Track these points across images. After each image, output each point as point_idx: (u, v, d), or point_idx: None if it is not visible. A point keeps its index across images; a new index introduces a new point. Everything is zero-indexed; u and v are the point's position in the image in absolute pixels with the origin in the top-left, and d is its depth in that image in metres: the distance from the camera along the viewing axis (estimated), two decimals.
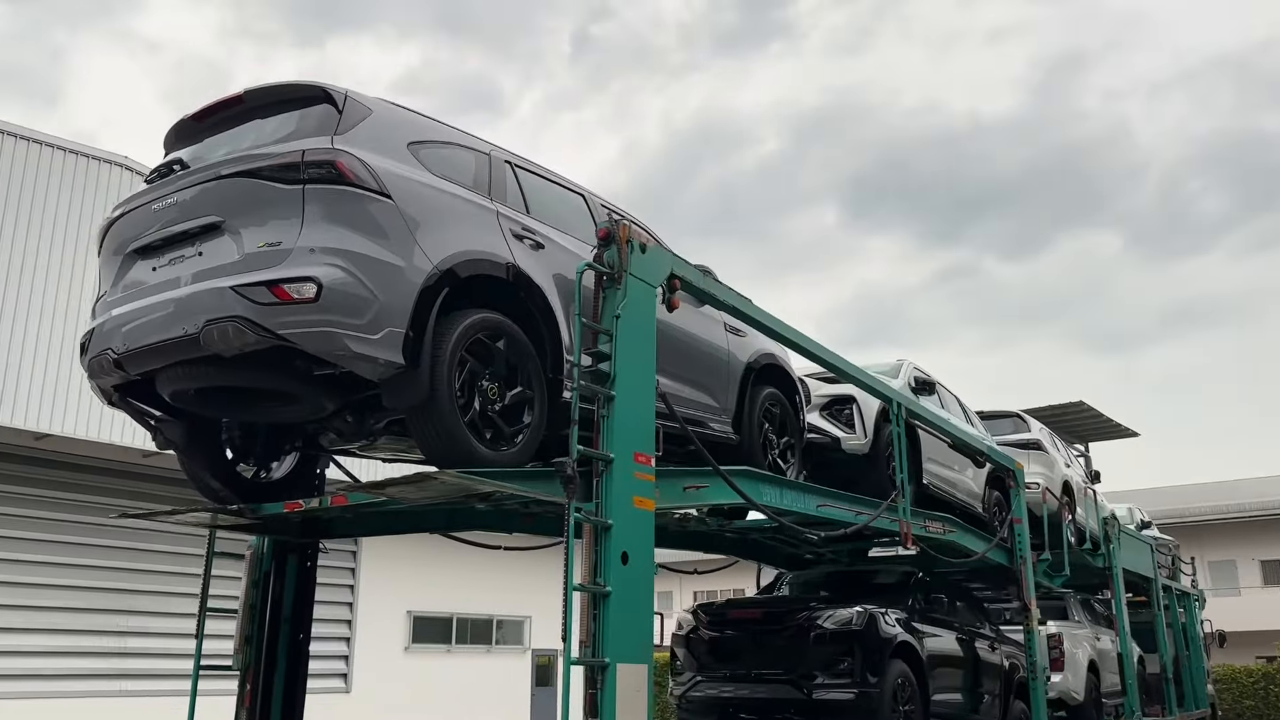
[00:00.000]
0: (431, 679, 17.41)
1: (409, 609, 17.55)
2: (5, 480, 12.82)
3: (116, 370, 4.85)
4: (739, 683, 8.08)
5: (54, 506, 13.07)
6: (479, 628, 18.46)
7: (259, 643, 6.13)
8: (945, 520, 8.93)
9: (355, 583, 16.88)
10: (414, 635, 17.53)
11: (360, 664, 16.71)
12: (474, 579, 17.10)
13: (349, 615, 16.82)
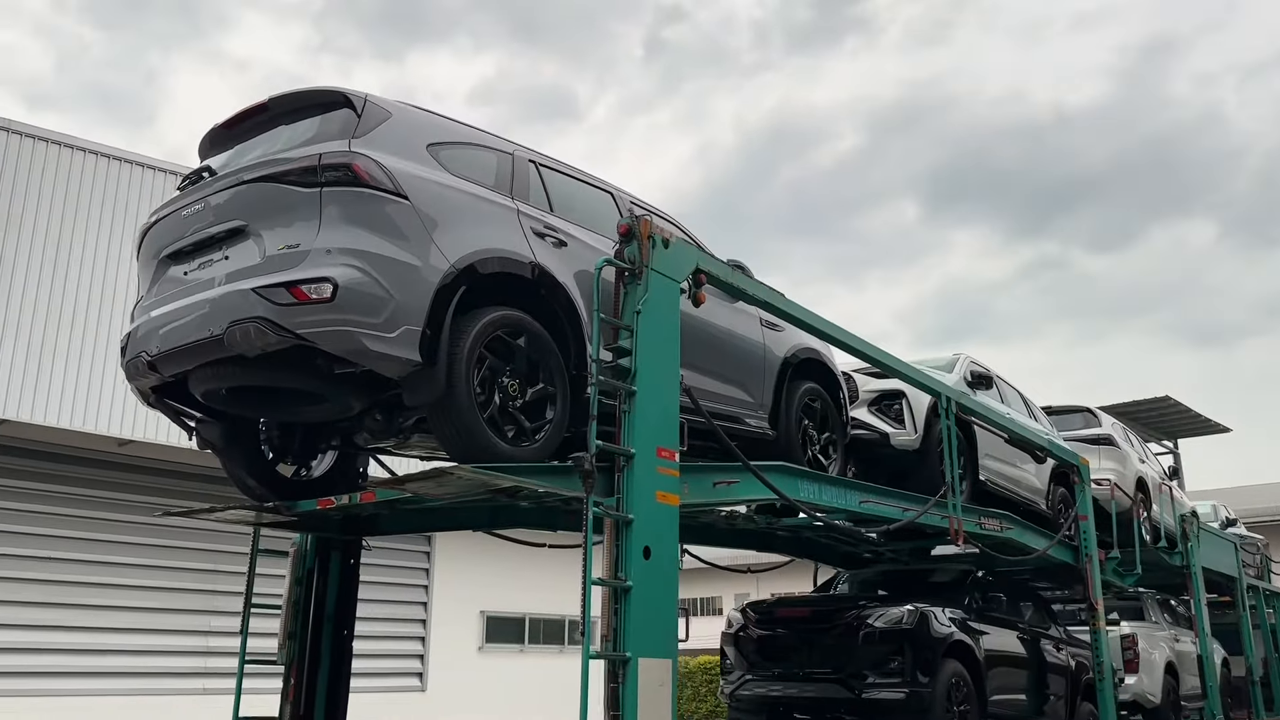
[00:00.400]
0: (505, 678, 17.58)
1: (482, 609, 17.75)
2: (84, 484, 13.33)
3: (151, 372, 5.02)
4: (788, 681, 8.02)
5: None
6: (551, 628, 18.59)
7: (303, 638, 6.28)
8: (1002, 517, 8.74)
9: (429, 583, 17.13)
10: (487, 635, 17.73)
11: (435, 663, 16.94)
12: (546, 579, 17.19)
13: (423, 615, 17.07)
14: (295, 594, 6.30)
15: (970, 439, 8.87)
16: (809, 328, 6.77)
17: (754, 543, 9.08)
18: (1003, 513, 8.76)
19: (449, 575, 17.23)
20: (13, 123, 12.29)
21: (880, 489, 7.40)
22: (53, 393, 12.16)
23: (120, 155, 13.12)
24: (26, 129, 12.39)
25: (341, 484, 6.12)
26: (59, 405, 12.16)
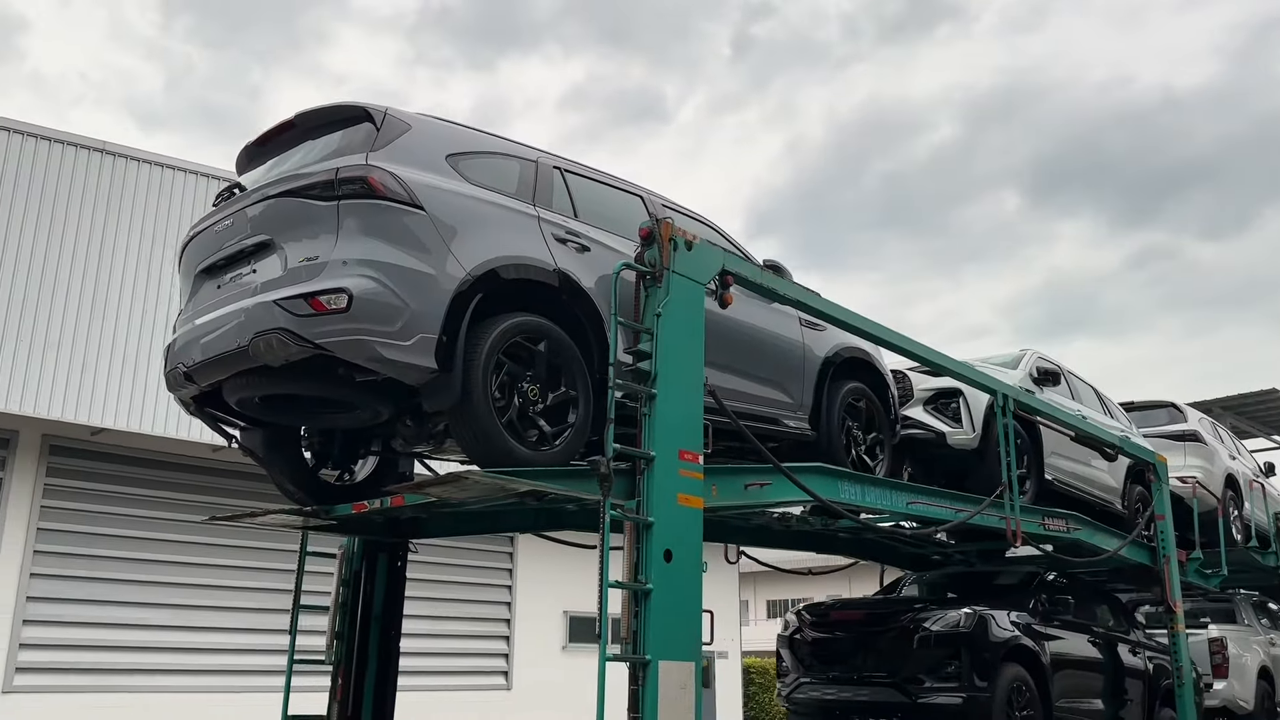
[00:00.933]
0: (590, 678, 17.61)
1: (565, 609, 17.92)
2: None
3: (189, 383, 5.23)
4: (843, 685, 7.93)
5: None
6: None
7: (350, 638, 6.46)
8: (1069, 517, 8.49)
9: (512, 583, 17.37)
10: (571, 634, 17.89)
11: (520, 662, 17.17)
12: None
13: (508, 615, 17.31)
14: (342, 595, 6.48)
15: (1035, 437, 8.64)
16: (849, 327, 6.70)
17: (814, 545, 9.00)
18: (1069, 513, 8.52)
19: (532, 576, 17.43)
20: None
21: (930, 490, 7.27)
22: (148, 402, 12.75)
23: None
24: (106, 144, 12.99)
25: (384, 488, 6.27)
26: (153, 413, 12.74)
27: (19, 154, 13.03)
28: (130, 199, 13.49)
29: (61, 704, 13.01)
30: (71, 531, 13.60)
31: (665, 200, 6.62)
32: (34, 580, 13.28)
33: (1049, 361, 9.62)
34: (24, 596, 13.13)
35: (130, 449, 13.62)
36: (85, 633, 13.43)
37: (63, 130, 13.42)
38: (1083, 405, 9.73)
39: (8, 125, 12.90)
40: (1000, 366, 9.09)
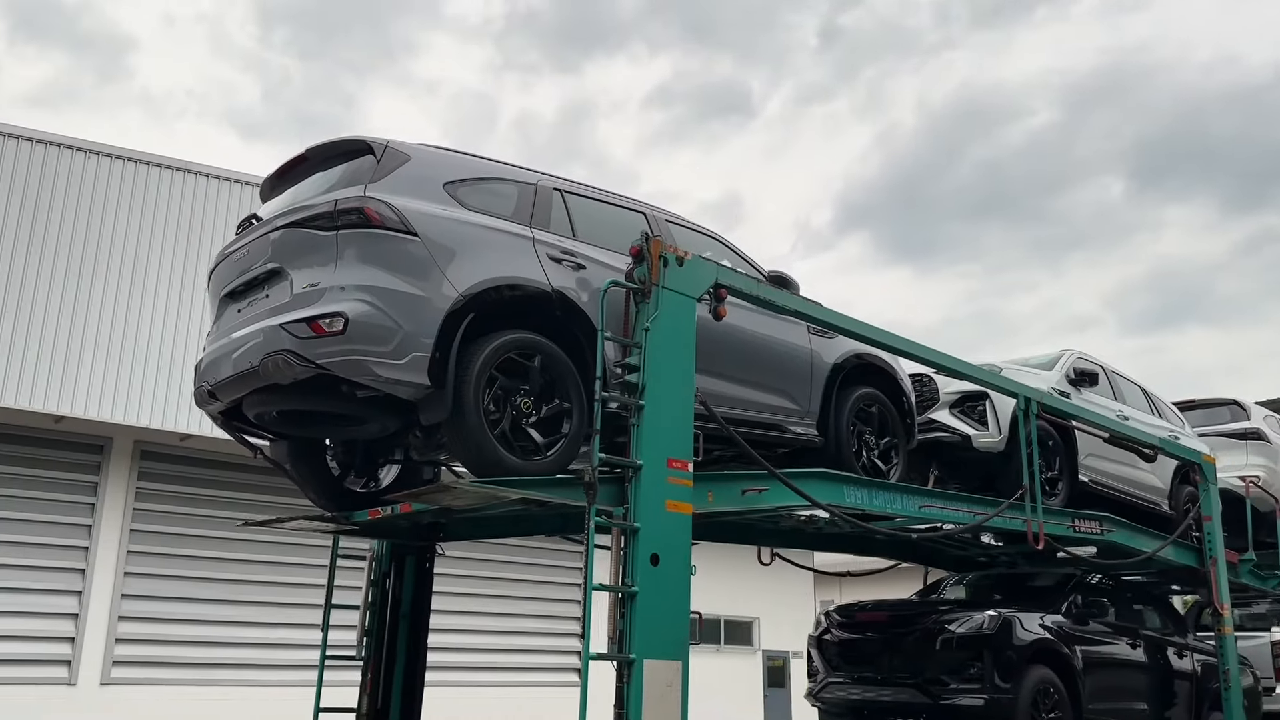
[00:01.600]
0: None
1: None
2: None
3: (213, 400, 5.66)
4: (867, 685, 8.04)
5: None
6: (707, 627, 18.88)
7: (379, 636, 6.85)
8: (1103, 519, 8.44)
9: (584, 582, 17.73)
10: None
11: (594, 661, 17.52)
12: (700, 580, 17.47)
13: (579, 613, 17.67)
14: (372, 595, 6.87)
15: (1068, 439, 8.62)
16: (854, 335, 6.82)
17: (850, 546, 9.11)
18: (1102, 514, 8.46)
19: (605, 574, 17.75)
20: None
21: (943, 493, 7.36)
22: None
23: None
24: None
25: None
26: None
27: (109, 171, 13.92)
28: (213, 211, 14.26)
29: (153, 695, 13.84)
30: (162, 532, 14.45)
31: (671, 216, 6.85)
32: (128, 579, 14.15)
33: (1089, 361, 9.54)
34: (119, 594, 14.00)
35: (217, 454, 14.36)
36: (174, 628, 14.26)
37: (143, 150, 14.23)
38: (1125, 405, 9.62)
39: (93, 147, 13.75)
40: (1035, 368, 9.08)
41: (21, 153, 13.36)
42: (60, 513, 13.80)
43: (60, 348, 13.18)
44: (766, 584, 16.93)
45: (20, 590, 13.23)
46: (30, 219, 13.15)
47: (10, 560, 13.21)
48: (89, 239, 13.56)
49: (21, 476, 13.52)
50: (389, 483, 6.58)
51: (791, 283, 6.81)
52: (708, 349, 6.31)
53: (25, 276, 13.01)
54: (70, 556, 13.82)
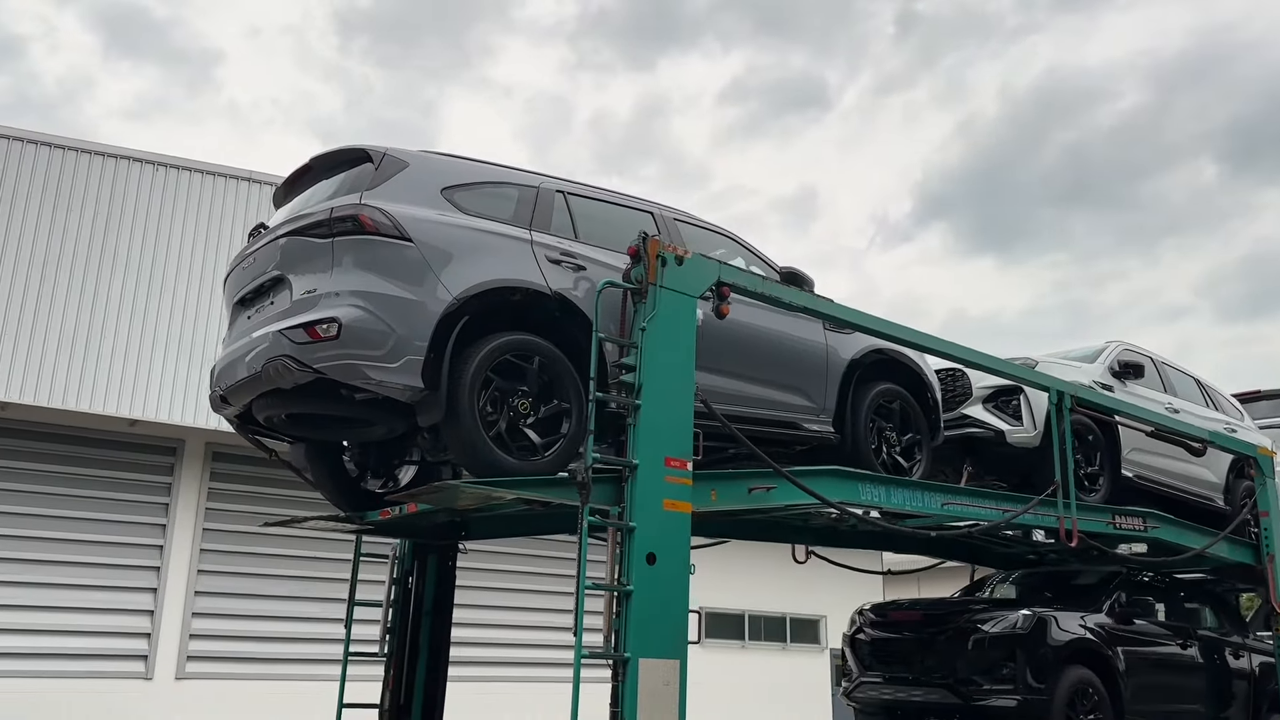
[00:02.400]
0: (726, 674, 17.96)
1: (700, 605, 18.17)
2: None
3: (225, 405, 5.85)
4: (900, 685, 7.93)
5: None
6: (772, 625, 18.80)
7: (401, 633, 6.99)
8: (1146, 515, 8.19)
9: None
10: (706, 631, 18.16)
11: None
12: (765, 577, 17.42)
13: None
14: (394, 593, 7.01)
15: (1110, 433, 8.38)
16: (868, 330, 6.73)
17: (890, 544, 9.00)
18: (1146, 510, 8.21)
19: None
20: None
21: (968, 490, 7.23)
22: None
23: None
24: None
25: None
26: None
27: (176, 182, 14.41)
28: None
29: (226, 689, 14.29)
30: (232, 531, 14.91)
31: (680, 215, 6.84)
32: (201, 576, 14.64)
33: (1136, 352, 9.26)
34: (193, 591, 14.50)
35: (285, 454, 14.77)
36: (246, 624, 14.71)
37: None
38: (1176, 398, 9.31)
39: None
40: (1077, 361, 8.84)
41: (94, 167, 13.91)
42: (136, 513, 14.33)
43: (132, 353, 13.68)
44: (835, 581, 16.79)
45: (99, 588, 13.77)
46: (102, 229, 13.68)
47: (89, 559, 13.76)
48: (157, 247, 14.06)
49: (99, 478, 14.08)
50: (407, 483, 6.70)
51: (806, 279, 6.76)
52: (718, 347, 6.31)
53: (98, 286, 13.53)
54: (146, 555, 14.33)
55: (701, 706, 18.30)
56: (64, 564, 13.57)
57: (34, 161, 13.52)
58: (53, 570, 13.49)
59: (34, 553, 13.39)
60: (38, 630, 13.21)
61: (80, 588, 13.60)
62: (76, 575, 13.60)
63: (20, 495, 13.47)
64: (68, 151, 13.88)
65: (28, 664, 13.10)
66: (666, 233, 6.54)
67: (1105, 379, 8.67)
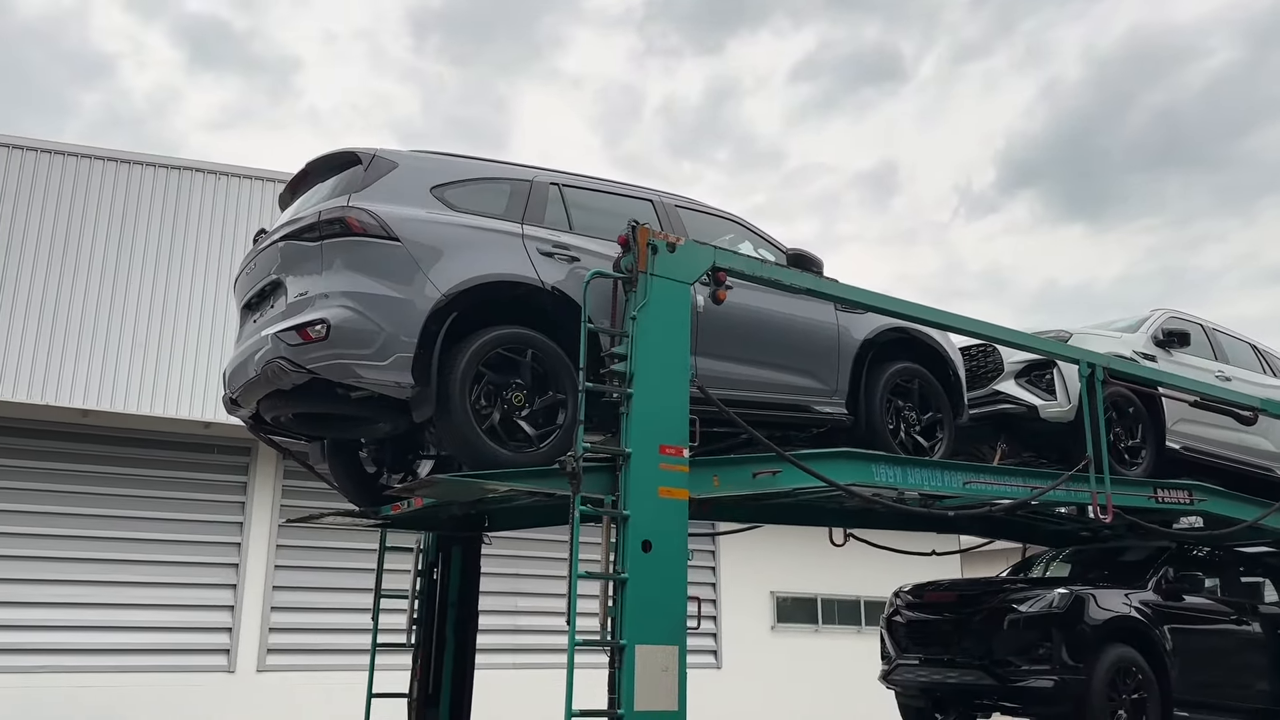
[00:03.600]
0: (799, 658, 17.90)
1: (772, 590, 18.17)
2: None
3: (235, 406, 6.04)
4: (935, 667, 7.81)
5: None
6: (846, 608, 18.63)
7: (428, 625, 7.14)
8: (1192, 487, 7.91)
9: (715, 564, 17.80)
10: (779, 615, 18.11)
11: (728, 641, 17.60)
12: (837, 560, 17.19)
13: (713, 595, 17.75)
14: (420, 585, 7.17)
15: (1153, 405, 8.11)
16: (877, 309, 6.64)
17: (931, 525, 8.83)
18: (1191, 483, 7.93)
19: (736, 559, 17.79)
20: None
21: (992, 468, 7.07)
22: None
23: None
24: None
25: None
26: None
27: (238, 189, 14.86)
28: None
29: (306, 680, 14.74)
30: (307, 527, 15.32)
31: (682, 201, 6.82)
32: (278, 571, 15.11)
33: (1184, 319, 8.92)
34: (270, 586, 14.97)
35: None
36: (322, 617, 15.14)
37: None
38: (1228, 365, 8.95)
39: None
40: (1119, 331, 8.57)
41: (159, 178, 14.42)
42: (214, 512, 14.83)
43: (203, 358, 14.15)
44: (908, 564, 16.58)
45: (181, 585, 14.31)
46: (169, 237, 14.18)
47: (172, 558, 14.29)
48: (223, 252, 14.50)
49: (178, 480, 14.62)
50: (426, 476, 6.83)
51: (814, 261, 6.68)
52: (723, 332, 6.30)
53: (168, 294, 14.04)
54: (225, 552, 14.83)
55: (775, 691, 18.27)
56: (148, 563, 14.11)
57: (102, 175, 14.07)
58: (138, 569, 14.04)
59: (120, 553, 13.96)
60: (126, 627, 13.77)
61: (164, 585, 14.13)
62: (160, 574, 14.14)
63: (104, 498, 14.05)
64: (136, 166, 14.43)
65: (118, 659, 13.68)
66: (667, 220, 6.54)
67: (1148, 348, 8.39)
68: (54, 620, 13.39)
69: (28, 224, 13.42)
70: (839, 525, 8.35)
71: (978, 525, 8.91)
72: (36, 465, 13.85)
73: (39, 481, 13.78)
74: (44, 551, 13.58)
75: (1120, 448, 7.85)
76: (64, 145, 14.10)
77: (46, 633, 13.29)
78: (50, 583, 13.52)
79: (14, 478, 13.66)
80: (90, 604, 13.63)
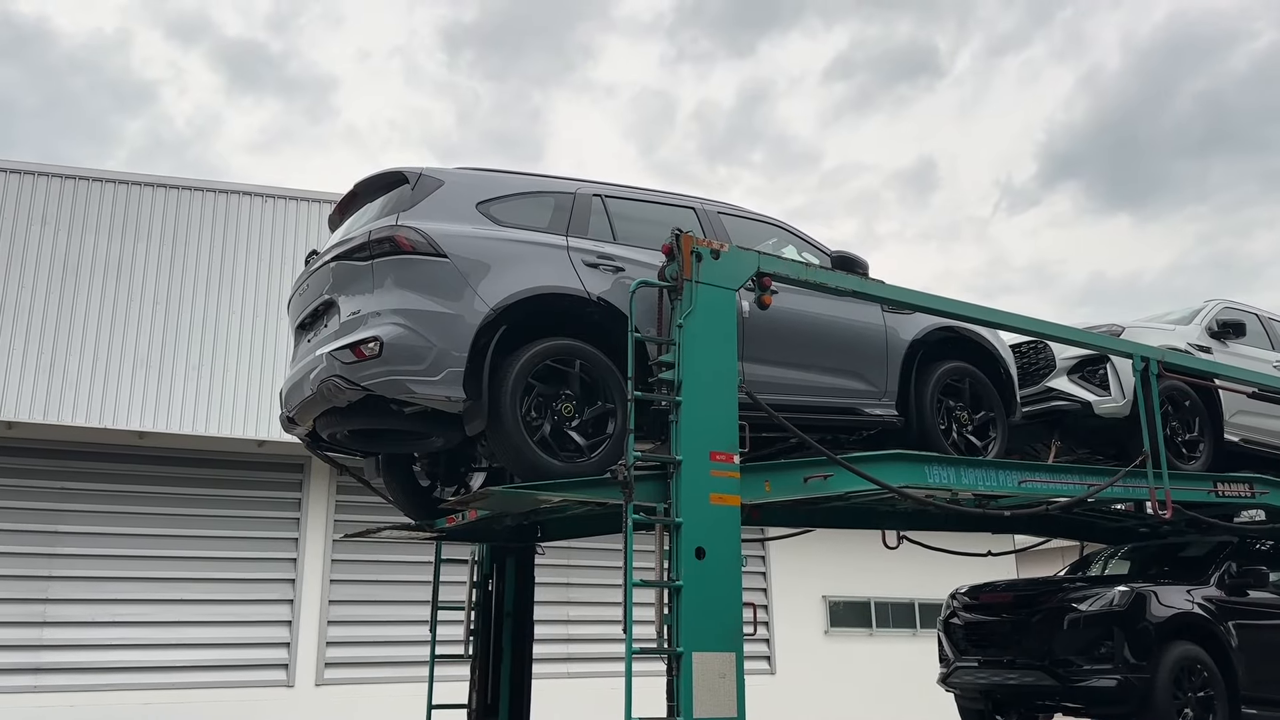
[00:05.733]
0: (853, 662, 17.78)
1: (824, 594, 18.07)
2: None
3: (293, 425, 6.14)
4: (995, 669, 7.73)
5: None
6: (900, 612, 18.49)
7: (484, 635, 7.19)
8: (1253, 480, 7.78)
9: (766, 570, 17.75)
10: (832, 619, 18.01)
11: (781, 647, 17.54)
12: (890, 564, 17.08)
13: (764, 601, 17.69)
14: (475, 596, 7.23)
15: (1210, 397, 7.98)
16: (924, 309, 6.60)
17: (987, 525, 8.74)
18: (1251, 475, 7.80)
19: (787, 564, 17.71)
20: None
21: (1047, 465, 7.00)
22: None
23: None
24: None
25: None
26: None
27: (285, 211, 15.09)
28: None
29: (364, 693, 14.89)
30: (361, 541, 15.49)
31: (724, 208, 6.84)
32: (334, 585, 15.29)
33: (1239, 309, 8.78)
34: (327, 600, 15.15)
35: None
36: (378, 630, 15.29)
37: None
38: None
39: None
40: (1172, 324, 8.45)
41: (208, 203, 14.69)
42: (270, 529, 15.04)
43: (254, 378, 14.37)
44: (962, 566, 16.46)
45: (239, 601, 14.52)
46: (219, 261, 14.42)
47: (228, 575, 14.51)
48: (270, 275, 14.73)
49: (234, 498, 14.85)
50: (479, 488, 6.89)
51: (859, 263, 6.66)
52: (769, 337, 6.30)
53: (219, 316, 14.27)
54: (281, 568, 15.03)
55: (830, 695, 18.14)
56: (206, 580, 14.35)
57: (152, 201, 14.36)
58: (196, 587, 14.27)
59: (178, 572, 14.21)
60: (187, 644, 14.00)
61: (222, 602, 14.35)
62: (218, 590, 14.36)
63: (161, 518, 14.31)
64: (184, 191, 14.70)
65: (180, 676, 13.90)
66: (710, 227, 6.55)
67: (1203, 340, 8.27)
68: (117, 639, 13.64)
69: (82, 251, 13.71)
70: (892, 528, 8.29)
71: (1034, 524, 8.82)
72: (94, 487, 14.13)
73: (98, 503, 14.06)
74: (105, 572, 13.84)
75: (1177, 442, 7.73)
76: (113, 173, 14.41)
77: (110, 650, 13.55)
78: (111, 602, 13.78)
79: (73, 500, 13.95)
80: (151, 622, 13.88)
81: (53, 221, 13.68)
